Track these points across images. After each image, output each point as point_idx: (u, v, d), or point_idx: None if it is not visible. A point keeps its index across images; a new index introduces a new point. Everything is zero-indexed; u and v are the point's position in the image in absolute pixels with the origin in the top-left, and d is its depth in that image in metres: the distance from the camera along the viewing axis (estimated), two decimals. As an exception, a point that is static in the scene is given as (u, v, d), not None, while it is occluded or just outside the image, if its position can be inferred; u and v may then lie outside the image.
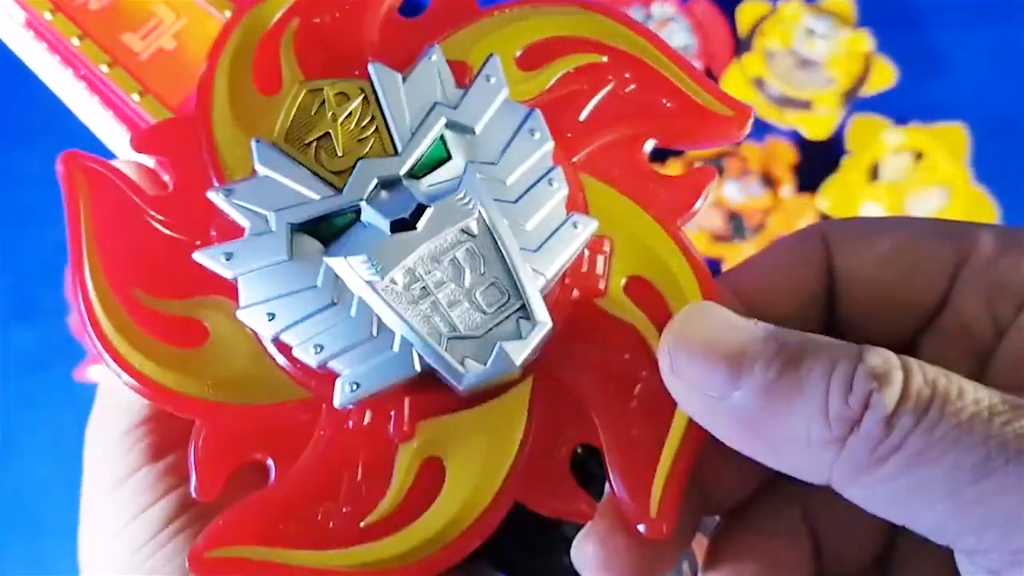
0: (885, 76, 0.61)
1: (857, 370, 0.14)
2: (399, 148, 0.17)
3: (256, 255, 0.16)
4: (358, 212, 0.16)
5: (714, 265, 0.58)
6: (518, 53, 0.19)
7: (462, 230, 0.16)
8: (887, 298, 0.17)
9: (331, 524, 0.16)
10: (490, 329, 0.16)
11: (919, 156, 0.59)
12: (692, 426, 0.16)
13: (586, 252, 0.18)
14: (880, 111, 0.61)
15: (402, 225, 0.16)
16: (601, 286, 0.18)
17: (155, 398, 0.17)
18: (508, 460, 0.17)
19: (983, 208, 0.57)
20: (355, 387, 0.16)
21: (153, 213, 0.18)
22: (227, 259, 0.16)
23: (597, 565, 0.16)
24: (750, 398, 0.14)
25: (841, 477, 0.14)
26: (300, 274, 0.16)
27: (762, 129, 0.63)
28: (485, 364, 0.16)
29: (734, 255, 0.58)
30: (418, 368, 0.16)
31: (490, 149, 0.17)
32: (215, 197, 0.17)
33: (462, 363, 0.16)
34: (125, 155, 0.21)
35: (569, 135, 0.18)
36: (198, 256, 0.16)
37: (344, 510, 0.16)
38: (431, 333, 0.16)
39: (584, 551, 0.16)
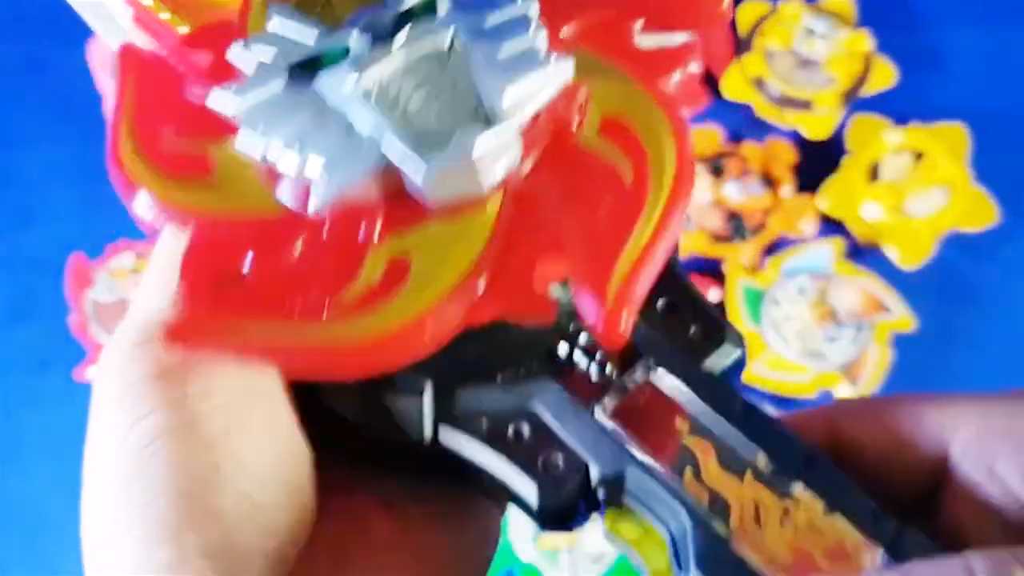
0: (885, 76, 0.61)
1: None
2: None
3: (256, 92, 0.18)
4: (347, 47, 0.18)
5: (714, 265, 0.58)
6: None
7: (437, 51, 0.18)
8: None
9: (298, 306, 0.17)
10: (454, 133, 0.17)
11: (919, 156, 0.59)
12: (654, 236, 0.17)
13: (563, 94, 0.18)
14: (880, 111, 0.61)
15: (381, 46, 0.17)
16: (575, 123, 0.19)
17: (160, 210, 0.19)
18: (471, 258, 0.17)
19: (983, 208, 0.58)
20: (326, 187, 0.17)
21: (188, 83, 0.20)
22: (233, 95, 0.18)
23: None
24: None
25: None
26: (293, 103, 0.18)
27: (762, 129, 0.63)
28: (444, 152, 0.17)
29: (734, 255, 0.58)
30: (385, 165, 0.17)
31: (481, 4, 0.18)
32: (232, 51, 0.18)
33: (423, 156, 0.17)
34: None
35: (565, 11, 0.19)
36: (209, 99, 0.18)
37: (317, 290, 0.17)
38: (399, 132, 0.17)
39: None
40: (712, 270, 0.58)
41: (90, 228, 0.63)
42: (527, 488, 0.18)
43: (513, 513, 0.19)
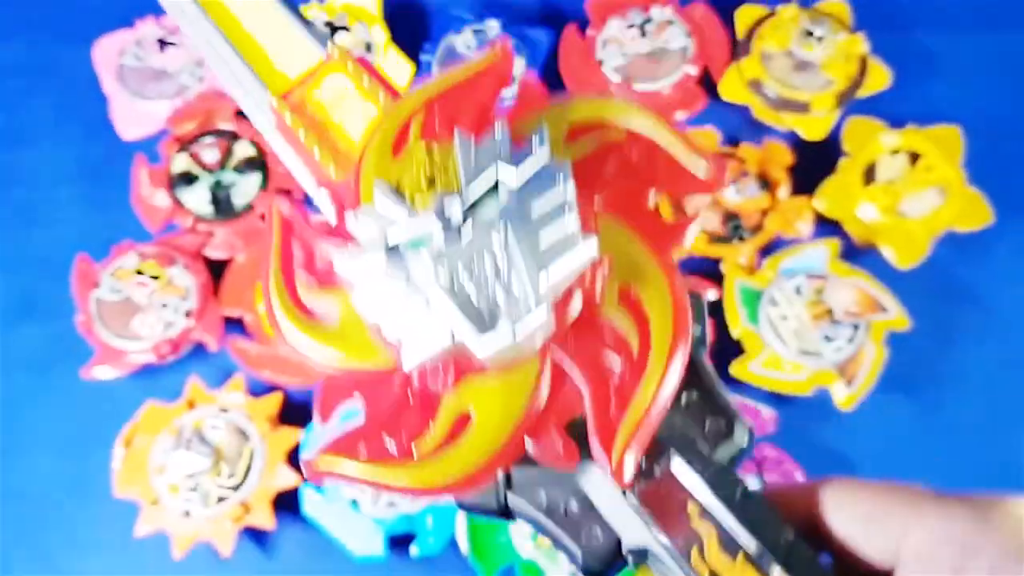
0: (881, 78, 0.62)
1: None
2: (464, 187, 0.24)
3: (363, 263, 0.23)
4: (430, 232, 0.23)
5: (712, 265, 0.59)
6: (565, 129, 0.26)
7: (493, 245, 0.23)
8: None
9: (393, 448, 0.23)
10: (505, 315, 0.22)
11: (915, 157, 0.59)
12: (649, 408, 0.23)
13: (588, 268, 0.23)
14: (876, 113, 0.62)
15: (452, 236, 0.23)
16: (599, 294, 0.24)
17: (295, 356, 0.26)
18: (517, 414, 0.23)
19: (978, 209, 0.58)
20: (411, 355, 0.23)
21: (319, 237, 0.26)
22: (348, 261, 0.24)
23: None
24: None
25: None
26: (390, 278, 0.23)
27: (759, 131, 0.64)
28: (495, 336, 0.22)
29: (732, 255, 0.58)
30: (454, 341, 0.22)
31: (529, 188, 0.23)
32: (348, 220, 0.24)
33: (480, 336, 0.22)
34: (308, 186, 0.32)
35: (593, 185, 0.25)
36: (334, 262, 0.24)
37: (403, 439, 0.23)
38: (465, 314, 0.22)
39: None
40: (710, 270, 0.59)
41: (95, 228, 0.63)
42: (574, 550, 0.24)
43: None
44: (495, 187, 0.24)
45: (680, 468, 0.24)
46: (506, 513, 0.26)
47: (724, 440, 0.25)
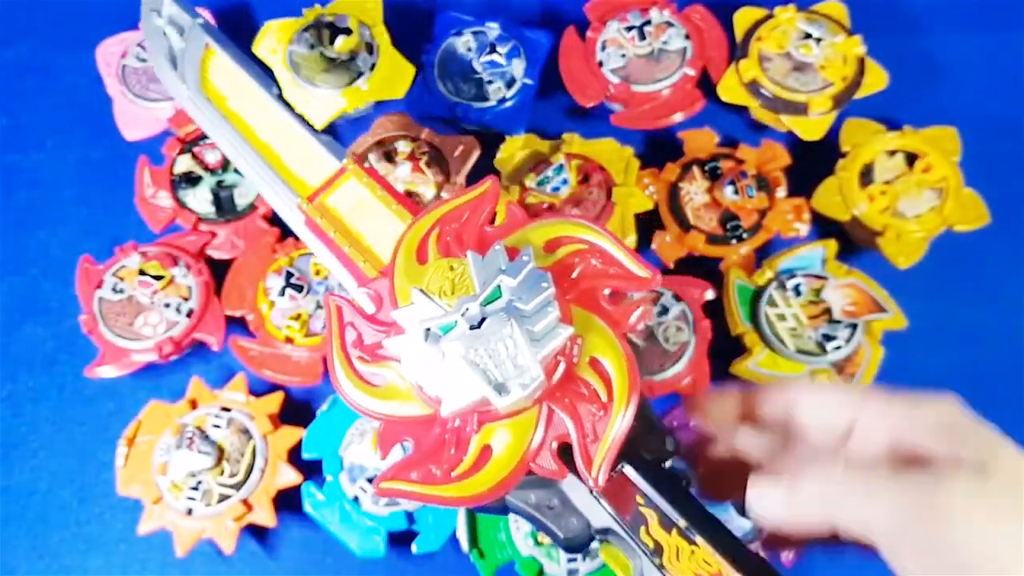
0: (878, 80, 0.62)
1: None
2: (478, 291, 0.34)
3: (407, 344, 0.35)
4: (456, 323, 0.34)
5: (712, 264, 0.59)
6: (543, 243, 0.38)
7: (503, 332, 0.33)
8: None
9: (437, 473, 0.34)
10: (514, 378, 0.33)
11: (912, 158, 0.59)
12: (615, 439, 0.33)
13: (567, 344, 0.34)
14: (874, 114, 0.62)
15: (475, 327, 0.33)
16: (575, 361, 0.35)
17: (360, 412, 0.37)
18: (524, 447, 0.34)
19: (975, 209, 0.58)
20: (451, 406, 0.33)
21: (368, 323, 0.38)
22: (395, 344, 0.35)
23: None
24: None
25: None
26: (428, 354, 0.34)
27: (758, 132, 0.64)
28: (509, 395, 0.33)
29: (730, 255, 0.58)
30: (480, 398, 0.33)
31: (523, 290, 0.34)
32: (394, 314, 0.36)
33: (500, 397, 0.33)
34: (351, 287, 0.43)
35: (566, 284, 0.36)
36: (384, 343, 0.36)
37: (444, 466, 0.34)
38: (487, 381, 0.33)
39: None
40: (709, 270, 0.59)
41: (98, 229, 0.64)
42: (557, 533, 0.35)
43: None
44: (499, 288, 0.34)
45: (631, 472, 0.34)
46: (504, 509, 0.37)
47: (658, 450, 0.36)
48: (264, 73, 0.54)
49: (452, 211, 0.40)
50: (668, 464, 0.36)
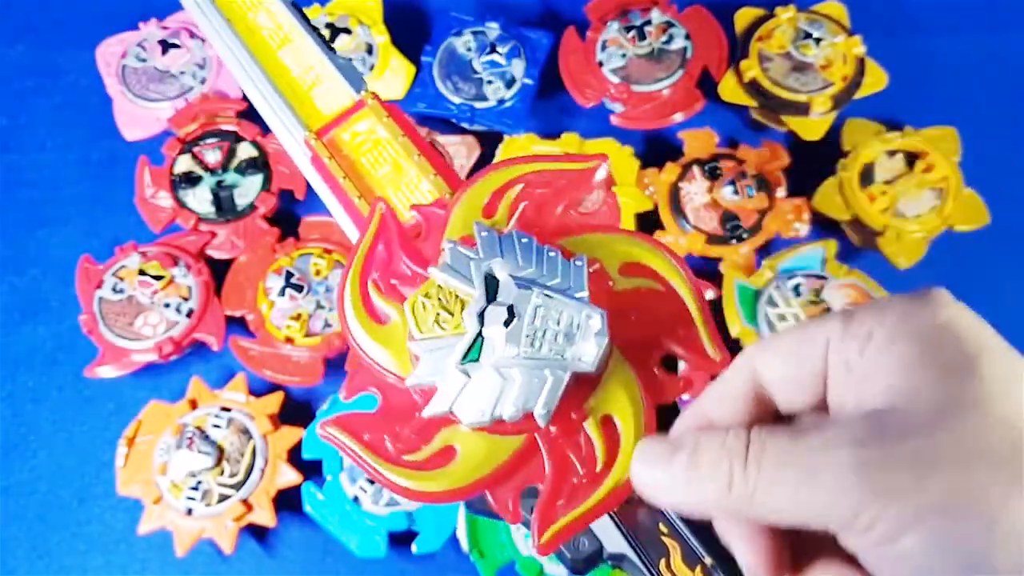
0: (878, 80, 0.62)
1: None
2: (477, 294, 0.29)
3: (452, 387, 0.29)
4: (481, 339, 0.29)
5: (712, 265, 0.59)
6: (621, 262, 0.31)
7: (531, 305, 0.28)
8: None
9: (390, 449, 0.29)
10: (577, 342, 0.28)
11: (912, 158, 0.60)
12: (586, 516, 0.28)
13: (584, 389, 0.30)
14: (874, 114, 0.62)
15: (507, 321, 0.28)
16: (589, 407, 0.29)
17: (349, 340, 0.31)
18: (491, 467, 0.29)
19: (975, 210, 0.58)
20: (479, 416, 0.28)
21: (404, 250, 0.32)
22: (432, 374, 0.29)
23: None
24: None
25: None
26: (485, 379, 0.28)
27: (758, 132, 0.64)
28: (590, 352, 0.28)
29: (730, 255, 0.58)
30: (492, 417, 0.28)
31: (528, 263, 0.29)
32: (411, 345, 0.30)
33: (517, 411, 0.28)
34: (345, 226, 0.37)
35: (623, 323, 0.30)
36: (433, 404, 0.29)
37: (398, 445, 0.29)
38: (510, 395, 0.28)
39: None
40: (709, 270, 0.59)
41: (99, 229, 0.64)
42: (564, 551, 0.30)
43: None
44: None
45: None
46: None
47: None
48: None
49: (545, 173, 0.33)
50: None
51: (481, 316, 0.29)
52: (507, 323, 0.28)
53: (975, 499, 0.20)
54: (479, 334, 0.29)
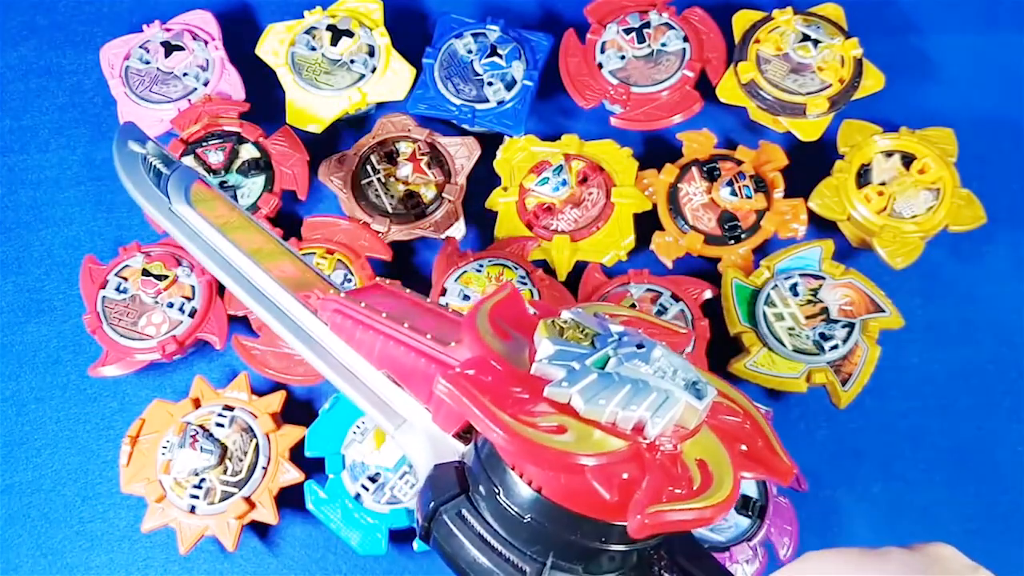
0: (876, 81, 0.62)
1: None
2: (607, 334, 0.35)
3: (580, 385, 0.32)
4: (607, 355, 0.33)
5: (709, 265, 0.60)
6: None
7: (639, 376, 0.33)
8: None
9: (681, 492, 0.31)
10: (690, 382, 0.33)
11: (909, 159, 0.60)
12: (681, 516, 0.30)
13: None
14: (871, 115, 0.62)
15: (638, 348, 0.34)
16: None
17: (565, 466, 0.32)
18: (724, 454, 0.33)
19: (972, 209, 0.58)
20: (656, 427, 0.32)
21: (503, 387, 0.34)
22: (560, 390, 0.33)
23: None
24: None
25: None
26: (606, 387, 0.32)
27: (756, 133, 0.65)
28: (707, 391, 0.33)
29: (728, 255, 0.59)
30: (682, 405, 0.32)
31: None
32: (536, 366, 0.33)
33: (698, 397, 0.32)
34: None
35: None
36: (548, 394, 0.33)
37: (682, 487, 0.31)
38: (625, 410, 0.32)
39: None
40: (707, 270, 0.59)
41: (102, 229, 0.64)
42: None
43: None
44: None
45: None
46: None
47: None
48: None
49: (638, 322, 0.39)
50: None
51: (610, 342, 0.34)
52: (639, 347, 0.33)
53: None
54: (607, 354, 0.33)
